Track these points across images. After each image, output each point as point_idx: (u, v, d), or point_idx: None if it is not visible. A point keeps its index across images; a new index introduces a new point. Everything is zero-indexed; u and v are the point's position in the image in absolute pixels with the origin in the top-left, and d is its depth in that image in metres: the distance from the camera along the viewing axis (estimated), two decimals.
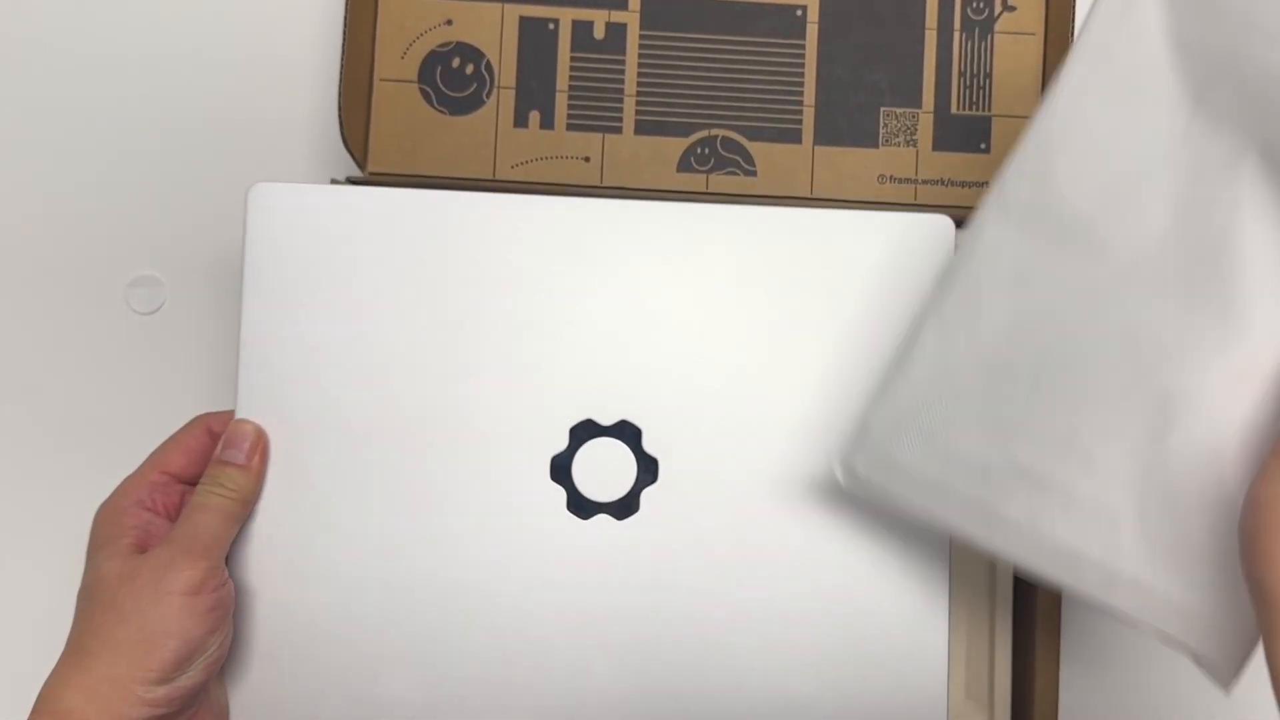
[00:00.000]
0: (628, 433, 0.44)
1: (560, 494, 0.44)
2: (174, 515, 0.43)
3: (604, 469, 0.44)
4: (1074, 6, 0.51)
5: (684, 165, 0.52)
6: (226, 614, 0.42)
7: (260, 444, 0.43)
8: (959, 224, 0.45)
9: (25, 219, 0.56)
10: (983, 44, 0.53)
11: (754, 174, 0.52)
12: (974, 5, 0.53)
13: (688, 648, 0.44)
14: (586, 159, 0.52)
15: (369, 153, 0.52)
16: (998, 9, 0.53)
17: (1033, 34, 0.53)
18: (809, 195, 0.52)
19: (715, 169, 0.52)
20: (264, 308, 0.44)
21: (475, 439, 0.44)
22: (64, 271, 0.56)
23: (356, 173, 0.51)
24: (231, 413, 0.44)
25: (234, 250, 0.56)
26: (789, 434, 0.44)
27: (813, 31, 0.53)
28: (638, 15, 0.53)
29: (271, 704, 0.44)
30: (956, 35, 0.53)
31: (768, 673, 0.44)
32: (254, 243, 0.44)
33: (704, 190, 0.52)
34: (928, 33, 0.53)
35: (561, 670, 0.44)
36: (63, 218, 0.56)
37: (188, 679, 0.40)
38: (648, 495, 0.44)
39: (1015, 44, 0.53)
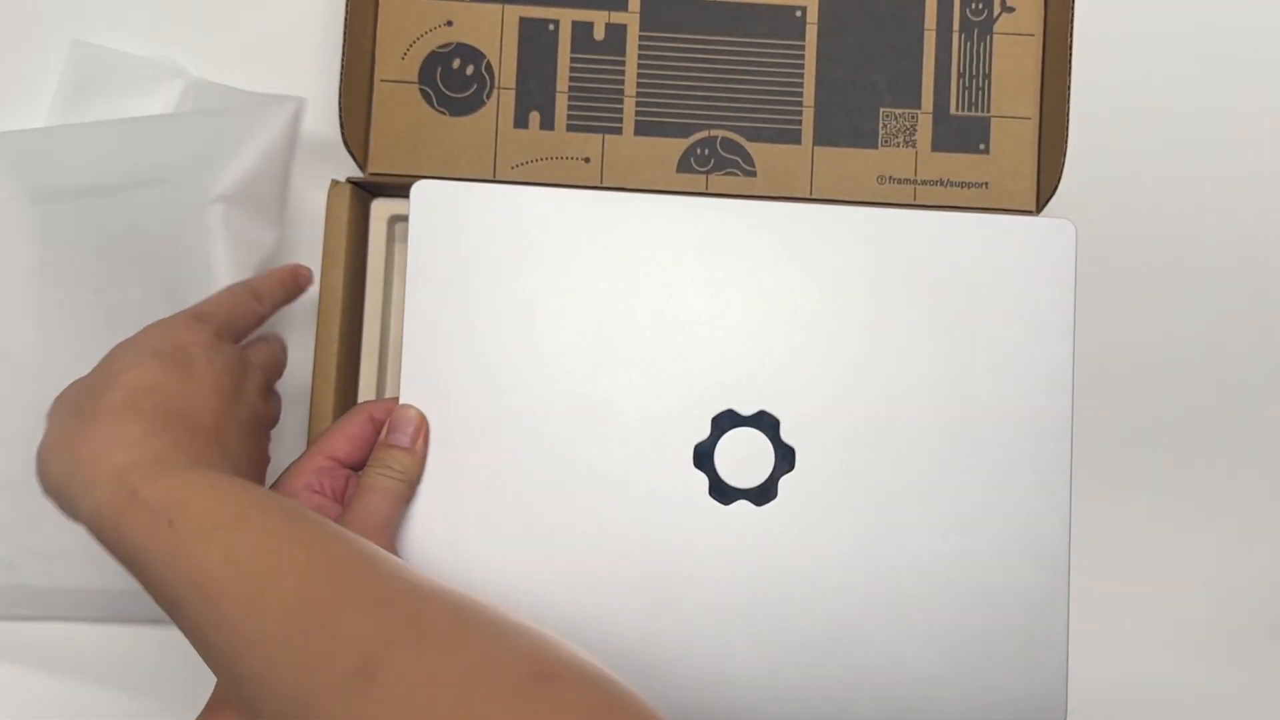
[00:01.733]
0: (766, 423, 0.46)
1: (702, 480, 0.46)
2: (340, 498, 0.45)
3: (744, 457, 0.46)
4: (1073, 7, 0.51)
5: (684, 166, 0.53)
6: None
7: (423, 428, 0.45)
8: None
9: None
10: (982, 45, 0.53)
11: (753, 174, 0.53)
12: (973, 6, 0.53)
13: (822, 627, 0.46)
14: (586, 160, 0.52)
15: (369, 153, 0.52)
16: (997, 10, 0.53)
17: (1032, 35, 0.53)
18: (808, 195, 0.53)
19: (715, 169, 0.53)
20: (427, 299, 0.46)
21: (623, 428, 0.46)
22: None
23: (356, 173, 0.52)
24: (391, 401, 0.46)
25: None
26: (917, 426, 0.47)
27: (812, 32, 0.53)
28: (637, 16, 0.53)
29: None
30: (955, 36, 0.53)
31: (896, 651, 0.46)
32: (417, 237, 0.46)
33: (704, 191, 0.52)
34: (927, 33, 0.53)
35: (702, 647, 0.46)
36: None
37: None
38: (785, 483, 0.46)
39: (1014, 45, 0.53)
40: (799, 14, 0.53)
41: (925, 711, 0.47)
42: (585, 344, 0.46)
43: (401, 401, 0.46)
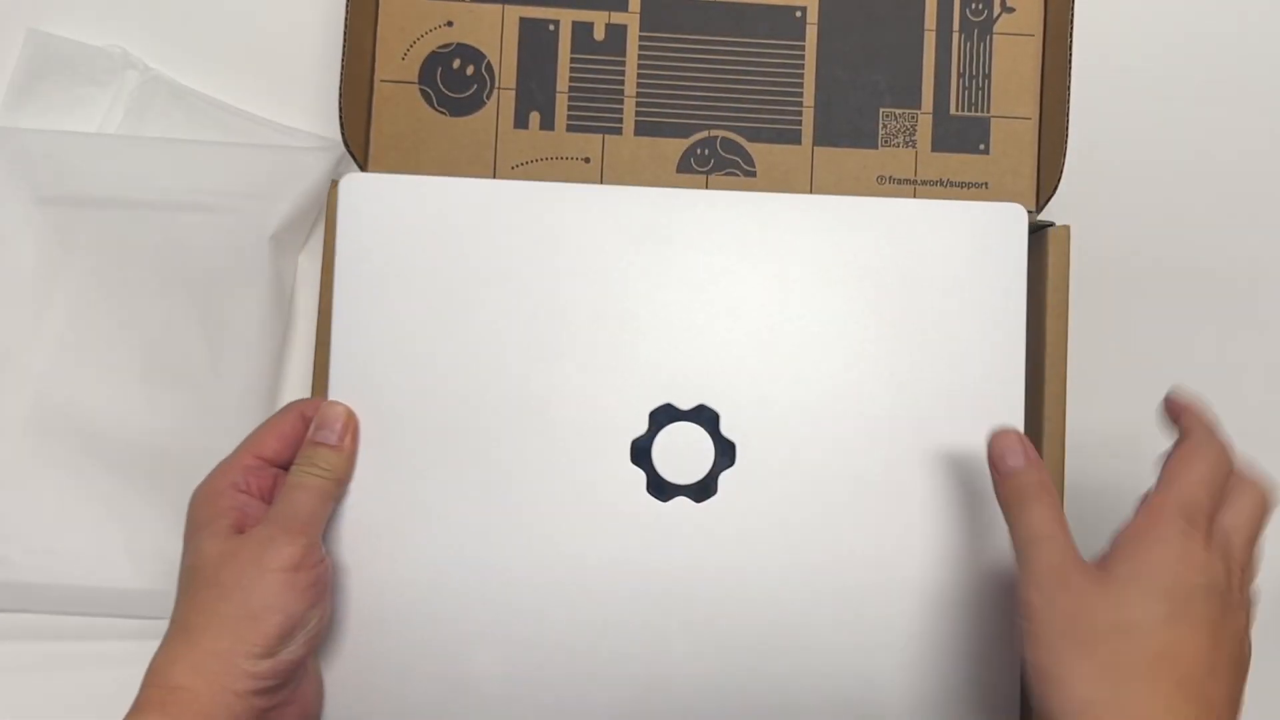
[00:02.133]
0: (706, 417, 0.45)
1: (640, 476, 0.45)
2: (268, 497, 0.44)
3: (683, 452, 0.45)
4: (1073, 7, 0.51)
5: (684, 166, 0.53)
6: (325, 590, 0.43)
7: (351, 425, 0.45)
8: None
9: None
10: (982, 45, 0.53)
11: (753, 174, 0.53)
12: (973, 6, 0.53)
13: (763, 625, 0.45)
14: (586, 160, 0.52)
15: (369, 153, 0.52)
16: (997, 10, 0.53)
17: (1031, 35, 0.53)
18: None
19: (715, 170, 0.53)
20: (353, 295, 0.45)
21: (558, 423, 0.45)
22: None
23: (356, 173, 0.52)
24: (322, 398, 0.45)
25: None
26: (862, 418, 0.45)
27: (812, 32, 0.53)
28: (637, 16, 0.53)
29: (363, 677, 0.45)
30: (955, 36, 0.53)
31: (840, 650, 0.45)
32: (343, 233, 0.46)
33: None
34: (927, 34, 0.53)
35: (641, 647, 0.45)
36: None
37: (290, 653, 0.41)
38: (725, 478, 0.45)
39: (1014, 45, 0.53)
40: (799, 14, 0.53)
41: (870, 711, 0.45)
42: (519, 338, 0.45)
43: (329, 398, 0.45)
